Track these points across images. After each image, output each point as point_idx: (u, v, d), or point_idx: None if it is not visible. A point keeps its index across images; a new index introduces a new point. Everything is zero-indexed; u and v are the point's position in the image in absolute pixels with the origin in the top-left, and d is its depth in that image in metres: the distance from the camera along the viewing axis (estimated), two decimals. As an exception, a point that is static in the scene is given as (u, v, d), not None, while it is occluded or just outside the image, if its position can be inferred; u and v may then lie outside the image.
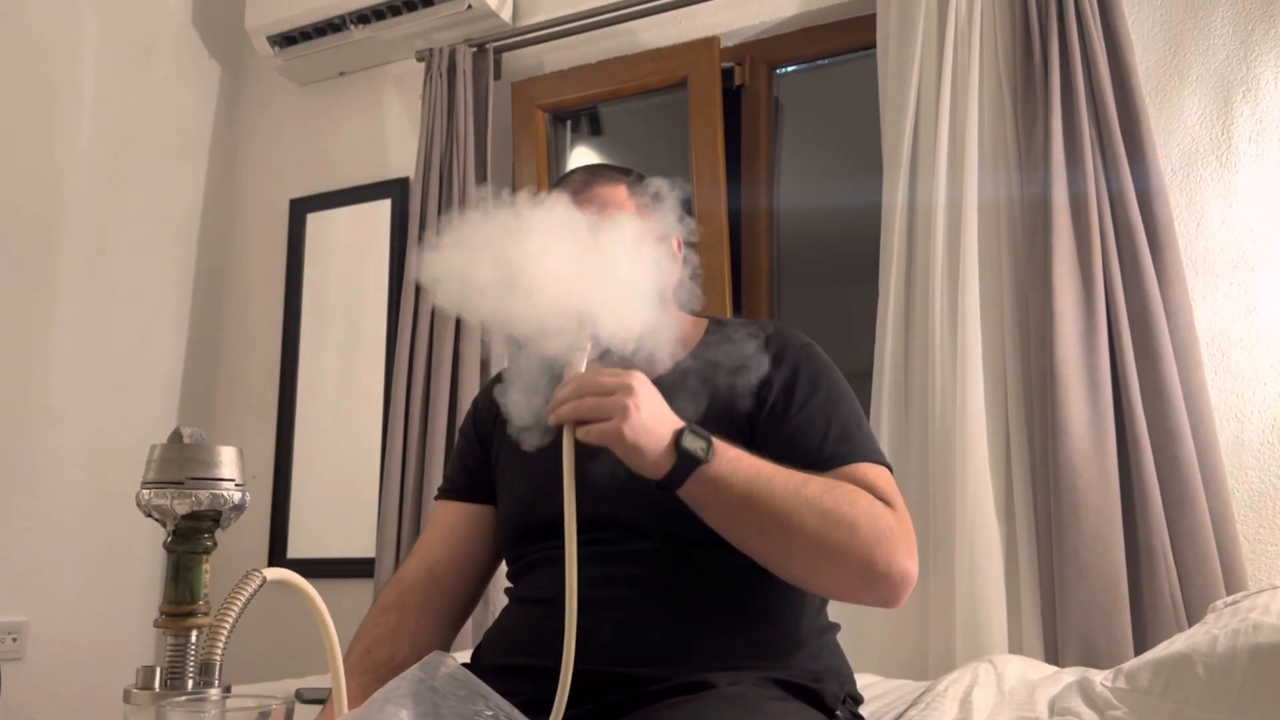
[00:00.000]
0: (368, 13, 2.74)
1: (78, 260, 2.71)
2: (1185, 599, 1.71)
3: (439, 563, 1.40)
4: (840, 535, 1.06)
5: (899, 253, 2.07)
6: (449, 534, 1.43)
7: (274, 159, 3.15)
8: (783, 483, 1.07)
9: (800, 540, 1.07)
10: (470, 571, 1.42)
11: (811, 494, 1.07)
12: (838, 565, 1.08)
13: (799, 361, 1.28)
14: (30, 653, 2.50)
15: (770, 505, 1.06)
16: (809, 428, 1.22)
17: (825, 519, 1.06)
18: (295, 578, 0.78)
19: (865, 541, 1.07)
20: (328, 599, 0.81)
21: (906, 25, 2.14)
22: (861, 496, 1.11)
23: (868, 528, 1.08)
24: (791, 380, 1.26)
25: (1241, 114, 1.96)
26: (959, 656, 1.79)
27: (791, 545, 1.08)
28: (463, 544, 1.41)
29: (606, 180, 1.34)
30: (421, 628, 1.33)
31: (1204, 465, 1.77)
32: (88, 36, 2.78)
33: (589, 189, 1.32)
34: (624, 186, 1.34)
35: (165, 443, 0.79)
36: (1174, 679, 1.07)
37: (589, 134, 2.91)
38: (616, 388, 1.03)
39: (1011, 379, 1.93)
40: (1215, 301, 1.93)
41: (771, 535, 1.08)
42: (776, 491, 1.06)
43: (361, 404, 2.81)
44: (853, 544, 1.07)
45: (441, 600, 1.38)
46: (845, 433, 1.23)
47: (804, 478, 1.09)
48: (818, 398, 1.25)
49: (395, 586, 1.38)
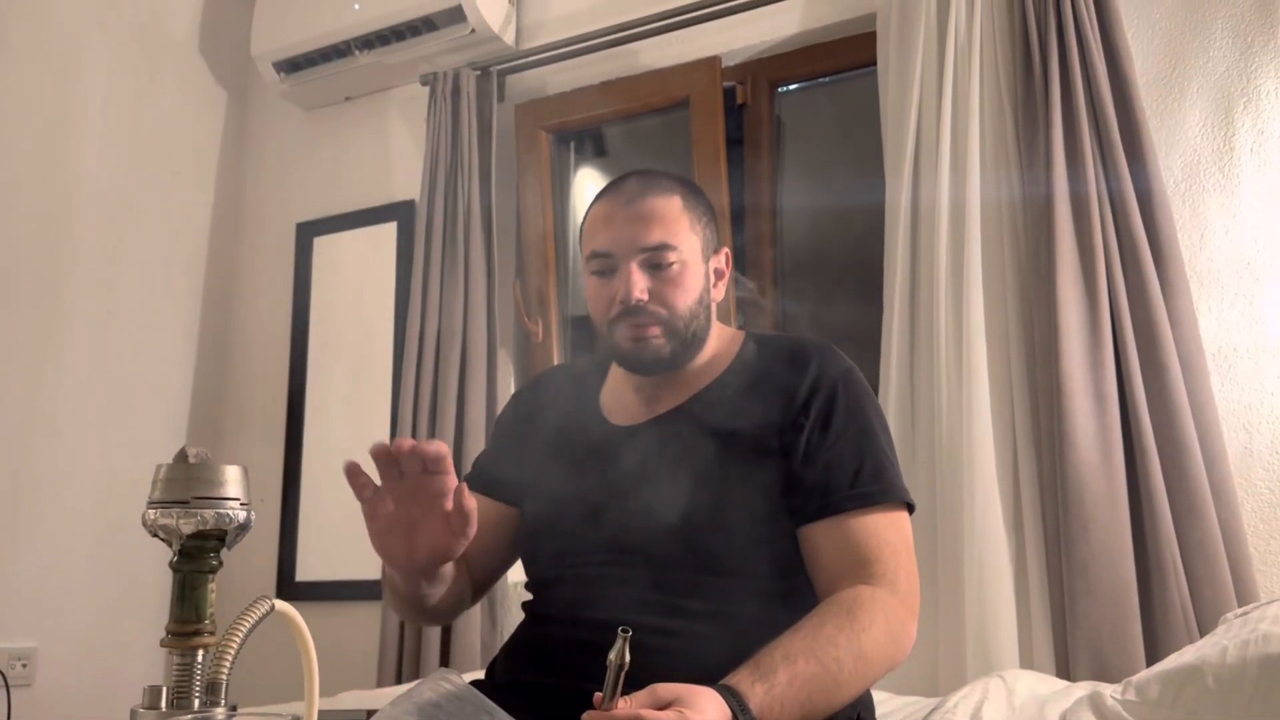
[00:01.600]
0: (372, 38, 2.76)
1: (87, 284, 2.73)
2: (1196, 611, 1.70)
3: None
4: (878, 668, 1.14)
5: (902, 269, 2.07)
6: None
7: (281, 183, 3.17)
8: (821, 681, 1.08)
9: (855, 694, 1.13)
10: (493, 558, 1.42)
11: (844, 665, 1.09)
12: (880, 677, 1.17)
13: (837, 389, 1.28)
14: (39, 679, 2.50)
15: (823, 705, 1.08)
16: (843, 463, 1.23)
17: (865, 670, 1.12)
18: (297, 618, 0.80)
19: (893, 654, 1.16)
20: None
21: (906, 42, 2.15)
22: (875, 616, 1.14)
23: (889, 647, 1.15)
24: (829, 410, 1.26)
25: (1243, 125, 1.96)
26: (970, 672, 1.77)
27: (848, 699, 1.13)
28: (488, 533, 1.38)
29: (661, 190, 1.32)
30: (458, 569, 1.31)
31: (1212, 476, 1.76)
32: (96, 64, 2.81)
33: (643, 199, 1.31)
34: (679, 198, 1.32)
35: (170, 462, 0.79)
36: (1184, 690, 1.07)
37: (593, 155, 2.93)
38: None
39: (1017, 393, 1.92)
40: (1220, 312, 1.92)
41: (835, 708, 1.11)
42: (818, 694, 1.07)
43: (369, 425, 2.81)
44: (885, 661, 1.15)
45: (464, 569, 1.36)
46: (878, 470, 1.24)
47: (830, 655, 1.09)
48: (854, 429, 1.26)
49: None
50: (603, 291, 1.31)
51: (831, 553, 1.20)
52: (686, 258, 1.30)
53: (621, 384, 1.39)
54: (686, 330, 1.30)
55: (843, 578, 1.18)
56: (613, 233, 1.30)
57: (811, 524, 1.22)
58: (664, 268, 1.28)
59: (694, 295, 1.31)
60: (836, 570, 1.19)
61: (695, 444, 1.27)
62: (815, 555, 1.22)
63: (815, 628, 1.11)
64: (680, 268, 1.29)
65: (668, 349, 1.29)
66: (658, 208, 1.30)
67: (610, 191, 1.34)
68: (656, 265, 1.28)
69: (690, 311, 1.30)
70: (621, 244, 1.29)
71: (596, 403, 1.40)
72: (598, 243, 1.31)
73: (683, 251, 1.30)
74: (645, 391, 1.35)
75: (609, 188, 1.36)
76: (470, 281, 2.59)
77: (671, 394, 1.34)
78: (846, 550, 1.19)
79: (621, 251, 1.29)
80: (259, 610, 0.78)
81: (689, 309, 1.30)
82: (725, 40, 2.53)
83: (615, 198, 1.32)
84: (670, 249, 1.28)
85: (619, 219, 1.30)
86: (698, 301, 1.31)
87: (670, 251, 1.28)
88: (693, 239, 1.32)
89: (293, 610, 0.81)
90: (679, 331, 1.29)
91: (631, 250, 1.28)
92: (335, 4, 2.78)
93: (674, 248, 1.29)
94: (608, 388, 1.42)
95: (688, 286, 1.30)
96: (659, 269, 1.28)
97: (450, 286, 2.60)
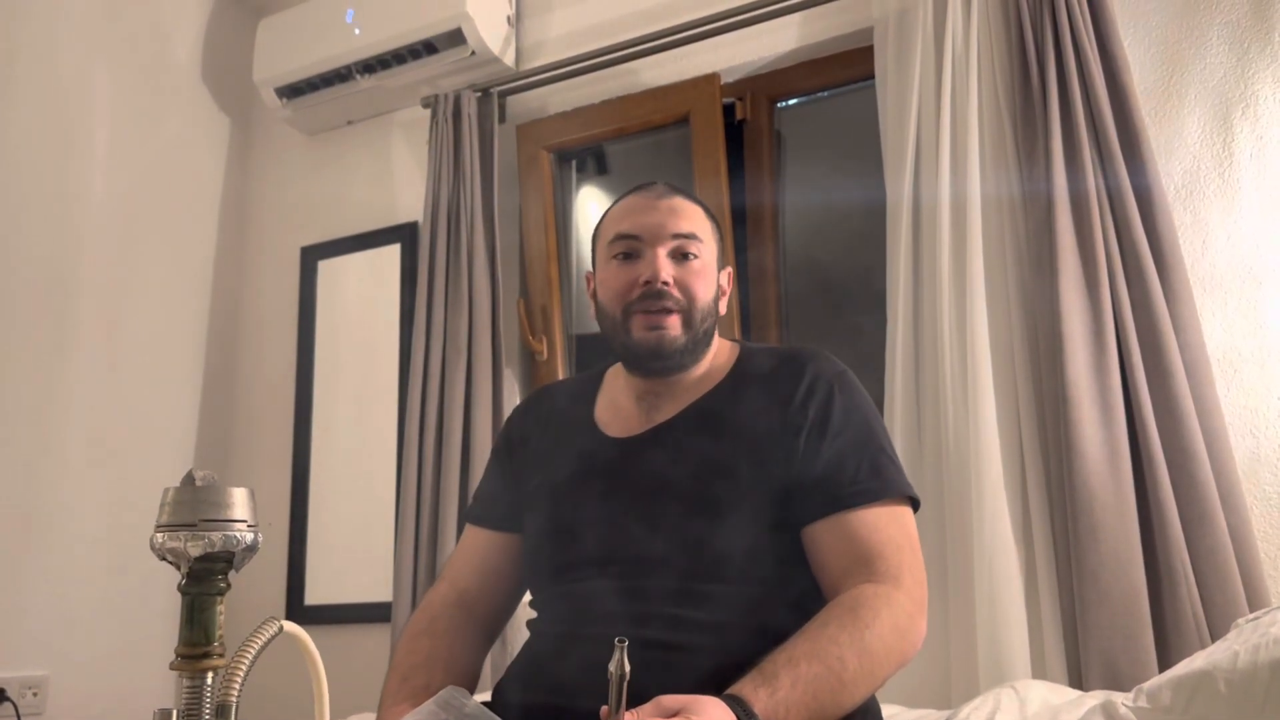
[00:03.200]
0: (373, 62, 2.78)
1: (93, 313, 2.74)
2: (1208, 618, 1.69)
3: (469, 589, 1.41)
4: (886, 665, 1.14)
5: (905, 279, 2.07)
6: (478, 560, 1.43)
7: (284, 208, 3.19)
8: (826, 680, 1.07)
9: (865, 693, 1.13)
10: (499, 597, 1.43)
11: (849, 663, 1.09)
12: (891, 674, 1.17)
13: (832, 391, 1.30)
14: (51, 707, 2.50)
15: (831, 706, 1.08)
16: (841, 463, 1.24)
17: (872, 667, 1.11)
18: (305, 638, 0.80)
19: (902, 649, 1.16)
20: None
21: (904, 56, 2.16)
22: (879, 613, 1.13)
23: (896, 642, 1.14)
24: (825, 412, 1.28)
25: (1241, 130, 1.97)
26: (982, 683, 1.77)
27: (859, 699, 1.13)
28: (492, 571, 1.42)
29: (686, 196, 1.39)
30: (455, 653, 1.34)
31: (1221, 482, 1.75)
32: (100, 93, 2.83)
33: (671, 197, 1.37)
34: (700, 208, 1.39)
35: (178, 486, 0.80)
36: (1196, 696, 1.06)
37: (595, 173, 2.94)
38: None
39: (1023, 403, 1.92)
40: (1224, 318, 1.92)
41: (846, 708, 1.11)
42: (824, 695, 1.07)
43: (375, 448, 2.82)
44: (893, 657, 1.15)
45: (471, 625, 1.39)
46: (876, 467, 1.25)
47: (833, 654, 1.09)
48: (851, 430, 1.27)
49: (426, 612, 1.39)
50: (625, 274, 1.34)
51: (834, 552, 1.21)
52: (707, 259, 1.36)
53: (621, 394, 1.40)
54: (700, 326, 1.33)
55: (847, 576, 1.19)
56: (642, 218, 1.35)
57: (813, 524, 1.23)
58: (690, 258, 1.34)
59: (711, 294, 1.36)
60: (840, 569, 1.20)
61: (694, 453, 1.28)
62: (818, 555, 1.22)
63: (818, 629, 1.11)
64: (703, 264, 1.35)
65: (683, 339, 1.32)
66: (685, 207, 1.37)
67: (640, 189, 1.40)
68: (684, 255, 1.34)
69: (707, 308, 1.34)
70: (651, 229, 1.34)
71: (591, 417, 1.41)
72: (626, 226, 1.36)
73: (705, 250, 1.36)
74: (646, 401, 1.36)
75: (638, 187, 1.42)
76: (474, 301, 2.59)
77: (671, 404, 1.35)
78: (848, 548, 1.20)
79: (651, 235, 1.33)
80: (267, 632, 0.79)
81: (706, 305, 1.34)
82: (724, 57, 2.54)
83: (646, 193, 1.38)
84: (697, 240, 1.34)
85: (648, 208, 1.36)
86: (712, 302, 1.36)
87: (697, 243, 1.34)
88: (712, 245, 1.38)
89: (301, 631, 0.81)
90: (694, 324, 1.32)
91: (662, 235, 1.33)
92: (336, 29, 2.80)
93: (701, 240, 1.35)
94: (603, 401, 1.42)
95: (708, 282, 1.35)
96: (685, 259, 1.34)
97: (454, 307, 2.61)
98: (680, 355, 1.32)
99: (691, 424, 1.32)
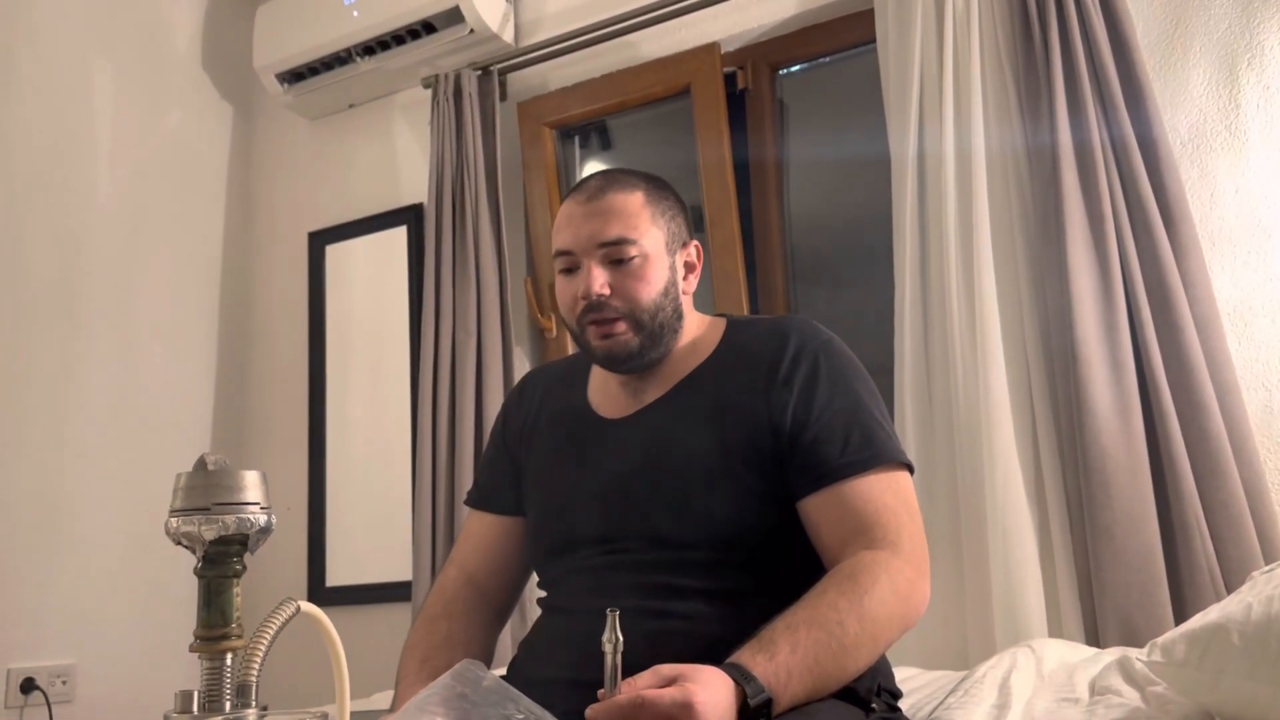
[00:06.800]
0: (372, 44, 2.77)
1: (104, 305, 2.76)
2: (1223, 571, 1.70)
3: (477, 571, 1.44)
4: (888, 629, 1.14)
5: (911, 243, 2.07)
6: (483, 544, 1.46)
7: (290, 194, 3.19)
8: (827, 645, 1.08)
9: (869, 657, 1.14)
10: (506, 578, 1.46)
11: (849, 628, 1.09)
12: (894, 638, 1.18)
13: (818, 360, 1.29)
14: (79, 694, 2.54)
15: (834, 670, 1.09)
16: (831, 434, 1.24)
17: (874, 630, 1.12)
18: (323, 618, 0.81)
19: (904, 613, 1.16)
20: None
21: (904, 17, 2.14)
22: (878, 577, 1.13)
23: (898, 606, 1.14)
24: (811, 382, 1.27)
25: (1247, 82, 1.95)
26: (999, 644, 1.77)
27: (862, 664, 1.13)
28: (498, 553, 1.45)
29: (622, 186, 1.33)
30: (471, 634, 1.37)
31: (1233, 436, 1.75)
32: (102, 86, 2.84)
33: (603, 196, 1.32)
34: (641, 193, 1.33)
35: (190, 471, 0.81)
36: (1210, 649, 1.07)
37: (599, 148, 2.93)
38: (676, 712, 0.95)
39: (1033, 362, 1.92)
40: (1234, 271, 1.91)
41: (850, 673, 1.12)
42: (826, 659, 1.08)
43: (389, 429, 2.83)
44: (895, 621, 1.15)
45: (484, 606, 1.42)
46: (867, 435, 1.25)
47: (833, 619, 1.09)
48: (839, 399, 1.26)
49: (439, 596, 1.41)
50: (568, 289, 1.33)
51: (831, 523, 1.21)
52: (648, 251, 1.31)
53: (608, 378, 1.40)
54: (652, 323, 1.30)
55: (845, 546, 1.19)
56: (573, 230, 1.32)
57: (808, 497, 1.23)
58: (625, 262, 1.29)
59: (657, 288, 1.31)
60: (838, 539, 1.20)
61: (684, 430, 1.29)
62: (816, 528, 1.22)
63: (817, 596, 1.12)
64: (641, 261, 1.30)
65: (635, 342, 1.30)
66: (616, 204, 1.31)
67: (573, 192, 1.37)
68: (617, 260, 1.29)
69: (654, 304, 1.30)
70: (581, 241, 1.30)
71: (585, 398, 1.42)
72: (560, 241, 1.33)
73: (644, 245, 1.30)
74: (630, 385, 1.36)
75: (573, 188, 1.38)
76: (482, 281, 2.60)
77: (656, 385, 1.35)
78: (845, 518, 1.20)
79: (582, 248, 1.30)
80: (285, 612, 0.80)
81: (653, 302, 1.30)
82: (723, 26, 2.52)
83: (576, 196, 1.35)
84: (629, 243, 1.29)
85: (578, 216, 1.32)
86: (662, 294, 1.31)
87: (629, 245, 1.29)
88: (655, 233, 1.32)
89: (318, 611, 0.82)
90: (644, 324, 1.30)
91: (591, 246, 1.30)
92: (334, 12, 2.79)
93: (633, 241, 1.29)
94: (594, 383, 1.43)
95: (650, 280, 1.30)
96: (620, 263, 1.29)
97: (462, 287, 2.61)
98: (641, 355, 1.31)
99: (679, 402, 1.32)
